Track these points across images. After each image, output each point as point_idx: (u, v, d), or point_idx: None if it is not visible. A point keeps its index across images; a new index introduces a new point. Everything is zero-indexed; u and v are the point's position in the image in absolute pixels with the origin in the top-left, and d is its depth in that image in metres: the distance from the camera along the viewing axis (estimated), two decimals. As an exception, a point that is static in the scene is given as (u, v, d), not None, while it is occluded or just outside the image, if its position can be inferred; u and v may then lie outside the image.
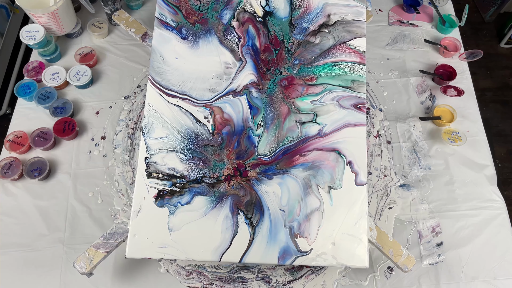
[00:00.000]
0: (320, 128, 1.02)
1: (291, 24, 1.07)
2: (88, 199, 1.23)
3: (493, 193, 1.25)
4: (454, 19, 1.53)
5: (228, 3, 1.11)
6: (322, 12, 1.08)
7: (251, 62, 1.07)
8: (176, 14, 1.10)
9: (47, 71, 1.40)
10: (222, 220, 0.97)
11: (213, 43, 1.08)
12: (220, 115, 1.03)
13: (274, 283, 1.13)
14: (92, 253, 1.01)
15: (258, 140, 1.02)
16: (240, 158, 1.01)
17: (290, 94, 1.05)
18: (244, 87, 1.05)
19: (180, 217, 0.97)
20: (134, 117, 1.37)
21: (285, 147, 1.01)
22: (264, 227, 0.97)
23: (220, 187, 0.99)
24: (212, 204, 0.98)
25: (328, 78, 1.05)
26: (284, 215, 0.98)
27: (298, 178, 0.99)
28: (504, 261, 1.16)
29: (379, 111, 1.39)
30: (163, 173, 0.99)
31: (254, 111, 1.04)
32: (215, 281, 1.13)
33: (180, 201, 0.98)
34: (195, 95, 1.05)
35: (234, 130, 1.03)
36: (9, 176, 1.23)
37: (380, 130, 1.36)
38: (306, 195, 0.98)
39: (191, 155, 1.01)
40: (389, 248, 1.03)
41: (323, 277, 1.14)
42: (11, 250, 1.16)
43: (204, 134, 1.02)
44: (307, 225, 0.97)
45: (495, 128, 2.09)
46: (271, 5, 1.09)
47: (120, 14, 1.35)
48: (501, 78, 2.25)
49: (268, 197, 0.99)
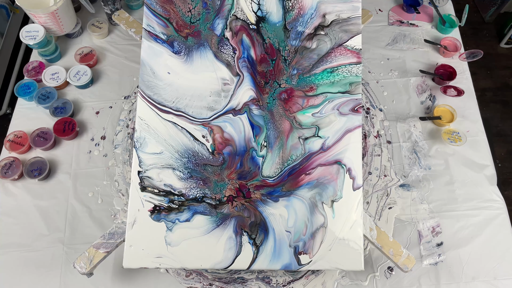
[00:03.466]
0: (323, 142, 1.01)
1: (285, 29, 1.04)
2: (88, 199, 1.23)
3: (493, 193, 1.25)
4: (454, 19, 1.53)
5: (219, 11, 1.06)
6: (316, 12, 1.05)
7: (248, 76, 1.03)
8: (167, 27, 1.05)
9: (47, 71, 1.40)
10: (225, 240, 0.97)
11: (208, 57, 1.04)
12: (220, 134, 1.01)
13: (274, 284, 1.13)
14: (92, 253, 1.01)
15: (262, 161, 1.00)
16: (242, 178, 1.00)
17: (290, 109, 1.02)
18: (244, 104, 1.02)
19: (179, 233, 0.97)
20: (134, 117, 1.37)
21: (290, 167, 1.00)
22: (268, 246, 0.97)
23: (223, 209, 0.98)
24: (214, 224, 0.97)
25: (327, 86, 1.03)
26: (290, 236, 0.97)
27: (304, 198, 0.99)
28: (504, 261, 1.16)
29: (379, 111, 1.39)
30: (159, 189, 0.99)
31: (257, 130, 1.01)
32: (214, 282, 1.13)
33: (178, 218, 0.98)
34: (191, 112, 1.02)
35: (236, 150, 1.01)
36: (9, 176, 1.23)
37: (380, 130, 1.36)
38: (312, 215, 0.98)
39: (189, 174, 0.99)
40: (389, 248, 1.03)
41: (323, 277, 1.14)
42: (11, 250, 1.16)
43: (203, 153, 1.00)
44: (311, 243, 0.97)
45: (495, 128, 2.09)
46: (263, 9, 1.05)
47: (120, 14, 1.35)
48: (501, 78, 2.25)
49: (274, 219, 0.98)
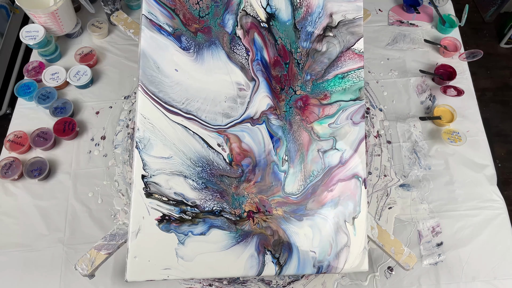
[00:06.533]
0: (341, 155, 0.99)
1: (295, 28, 1.02)
2: (88, 199, 1.23)
3: (493, 193, 1.25)
4: (454, 19, 1.53)
5: (228, 4, 1.01)
6: (323, 11, 1.03)
7: (264, 81, 0.99)
8: (173, 19, 0.98)
9: (47, 71, 1.40)
10: (247, 258, 0.93)
11: (221, 58, 0.98)
12: (238, 144, 0.96)
13: (274, 285, 1.13)
14: (93, 255, 1.00)
15: (284, 177, 0.97)
16: (262, 192, 0.96)
17: (307, 118, 1.00)
18: (262, 113, 0.98)
19: (192, 247, 0.92)
20: (134, 117, 1.37)
21: (312, 184, 0.97)
22: (291, 266, 0.95)
23: (244, 225, 0.94)
24: (234, 240, 0.93)
25: (339, 93, 1.01)
26: (314, 256, 0.95)
27: (328, 218, 0.96)
28: (504, 261, 1.16)
29: (379, 111, 1.39)
30: (169, 197, 0.92)
31: (276, 143, 0.97)
32: (214, 283, 1.13)
33: (192, 230, 0.92)
34: (204, 117, 0.96)
35: (255, 163, 0.96)
36: (9, 176, 1.23)
37: (380, 130, 1.36)
38: (337, 234, 0.96)
39: (204, 184, 0.93)
40: (391, 246, 1.03)
41: (323, 277, 1.14)
42: (11, 250, 1.16)
43: (219, 163, 0.95)
44: (336, 263, 0.96)
45: (495, 128, 2.09)
46: (272, 5, 1.02)
47: (119, 15, 1.34)
48: (501, 78, 2.25)
49: (298, 238, 0.95)
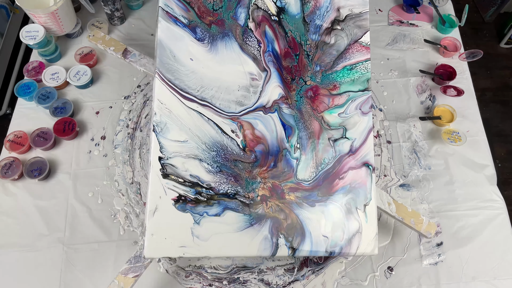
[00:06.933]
0: (351, 144, 1.02)
1: (304, 22, 1.05)
2: (88, 199, 1.23)
3: (493, 193, 1.25)
4: (454, 19, 1.53)
5: None
6: (331, 5, 1.06)
7: (275, 72, 1.03)
8: (188, 11, 1.03)
9: (47, 71, 1.40)
10: (260, 240, 0.96)
11: (234, 49, 1.03)
12: (251, 131, 0.99)
13: (274, 285, 1.13)
14: (121, 280, 0.98)
15: (296, 164, 1.00)
16: (275, 178, 0.99)
17: (318, 108, 1.03)
18: (274, 102, 1.01)
19: (208, 227, 0.95)
20: (134, 117, 1.37)
21: (324, 171, 1.00)
22: (304, 250, 0.97)
23: (257, 209, 0.97)
24: (248, 223, 0.96)
25: (348, 84, 1.04)
26: (327, 241, 0.97)
27: (340, 204, 0.99)
28: (504, 261, 1.16)
29: (379, 111, 1.39)
30: (185, 178, 0.95)
31: (288, 131, 1.01)
32: (214, 282, 1.13)
33: (207, 211, 0.95)
34: (218, 104, 1.00)
35: (268, 150, 1.00)
36: (9, 176, 1.23)
37: (380, 130, 1.36)
38: (349, 221, 0.98)
39: (219, 168, 0.97)
40: (410, 218, 1.04)
41: (323, 277, 1.14)
42: (11, 250, 1.16)
43: (233, 148, 0.98)
44: (348, 248, 0.98)
45: (495, 128, 2.09)
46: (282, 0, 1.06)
47: (95, 34, 1.31)
48: (501, 78, 2.25)
49: (310, 223, 0.98)
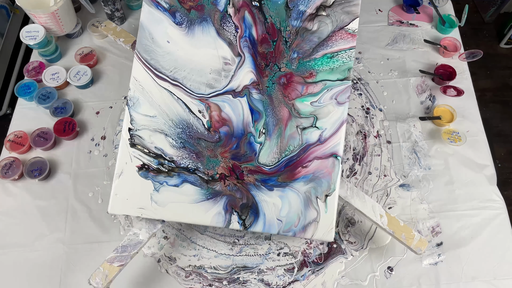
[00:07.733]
0: (320, 134, 1.00)
1: (287, 7, 1.02)
2: (88, 199, 1.23)
3: (493, 193, 1.25)
4: (454, 19, 1.53)
5: None
6: None
7: (249, 57, 1.03)
8: None
9: (47, 71, 1.40)
10: (214, 214, 0.99)
11: (211, 34, 1.03)
12: (217, 112, 1.01)
13: (274, 286, 1.13)
14: (106, 268, 0.99)
15: (259, 148, 1.00)
16: (236, 159, 1.00)
17: (289, 95, 1.02)
18: (244, 87, 1.02)
19: (166, 195, 0.99)
20: (134, 117, 1.37)
21: (287, 158, 1.00)
22: (256, 229, 0.98)
23: (215, 185, 1.00)
24: (204, 197, 0.99)
25: (326, 73, 1.02)
26: (280, 224, 0.98)
27: (299, 192, 0.99)
28: (504, 261, 1.16)
29: (379, 111, 1.39)
30: (150, 150, 1.00)
31: (256, 116, 1.01)
32: (214, 282, 1.13)
33: (166, 181, 1.00)
34: (189, 85, 1.02)
35: (233, 132, 1.01)
36: (9, 176, 1.23)
37: (380, 130, 1.36)
38: (306, 209, 0.99)
39: (182, 144, 1.01)
40: (401, 232, 1.03)
41: (323, 277, 1.14)
42: (11, 250, 1.16)
43: (198, 127, 1.01)
44: (302, 234, 0.98)
45: (495, 128, 2.09)
46: None
47: (107, 24, 1.34)
48: (501, 78, 2.25)
49: (266, 205, 0.99)
